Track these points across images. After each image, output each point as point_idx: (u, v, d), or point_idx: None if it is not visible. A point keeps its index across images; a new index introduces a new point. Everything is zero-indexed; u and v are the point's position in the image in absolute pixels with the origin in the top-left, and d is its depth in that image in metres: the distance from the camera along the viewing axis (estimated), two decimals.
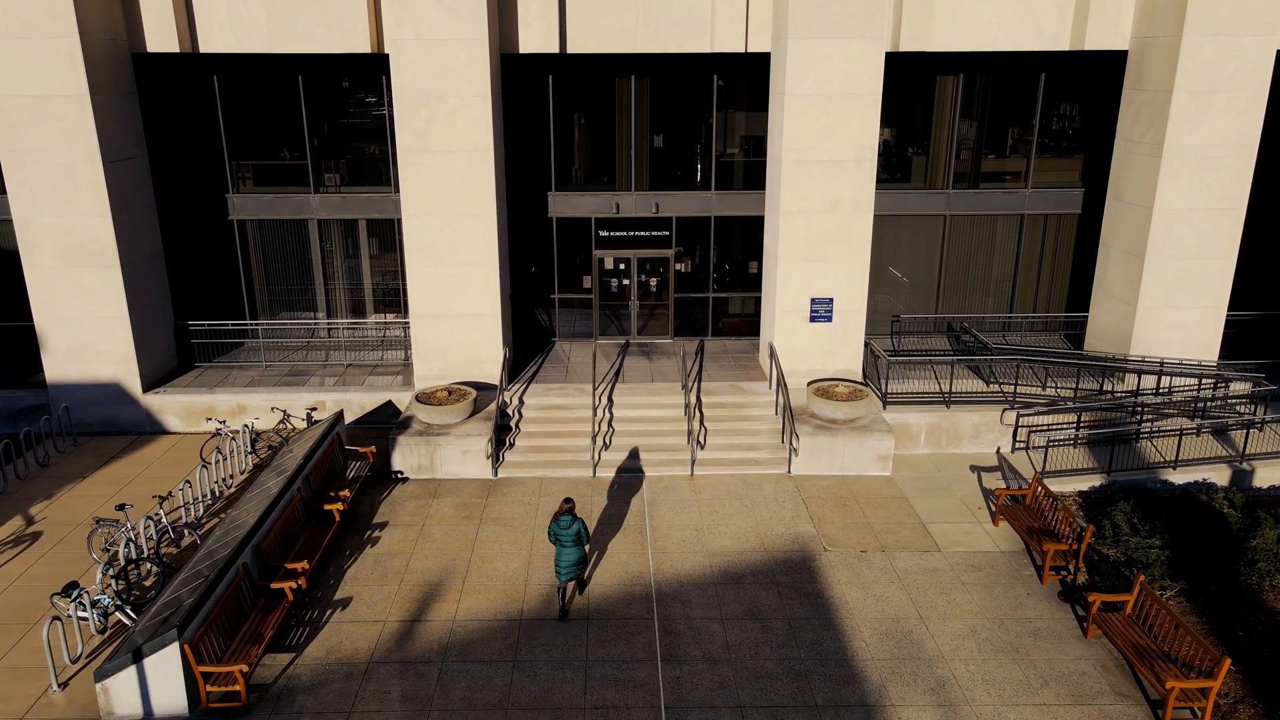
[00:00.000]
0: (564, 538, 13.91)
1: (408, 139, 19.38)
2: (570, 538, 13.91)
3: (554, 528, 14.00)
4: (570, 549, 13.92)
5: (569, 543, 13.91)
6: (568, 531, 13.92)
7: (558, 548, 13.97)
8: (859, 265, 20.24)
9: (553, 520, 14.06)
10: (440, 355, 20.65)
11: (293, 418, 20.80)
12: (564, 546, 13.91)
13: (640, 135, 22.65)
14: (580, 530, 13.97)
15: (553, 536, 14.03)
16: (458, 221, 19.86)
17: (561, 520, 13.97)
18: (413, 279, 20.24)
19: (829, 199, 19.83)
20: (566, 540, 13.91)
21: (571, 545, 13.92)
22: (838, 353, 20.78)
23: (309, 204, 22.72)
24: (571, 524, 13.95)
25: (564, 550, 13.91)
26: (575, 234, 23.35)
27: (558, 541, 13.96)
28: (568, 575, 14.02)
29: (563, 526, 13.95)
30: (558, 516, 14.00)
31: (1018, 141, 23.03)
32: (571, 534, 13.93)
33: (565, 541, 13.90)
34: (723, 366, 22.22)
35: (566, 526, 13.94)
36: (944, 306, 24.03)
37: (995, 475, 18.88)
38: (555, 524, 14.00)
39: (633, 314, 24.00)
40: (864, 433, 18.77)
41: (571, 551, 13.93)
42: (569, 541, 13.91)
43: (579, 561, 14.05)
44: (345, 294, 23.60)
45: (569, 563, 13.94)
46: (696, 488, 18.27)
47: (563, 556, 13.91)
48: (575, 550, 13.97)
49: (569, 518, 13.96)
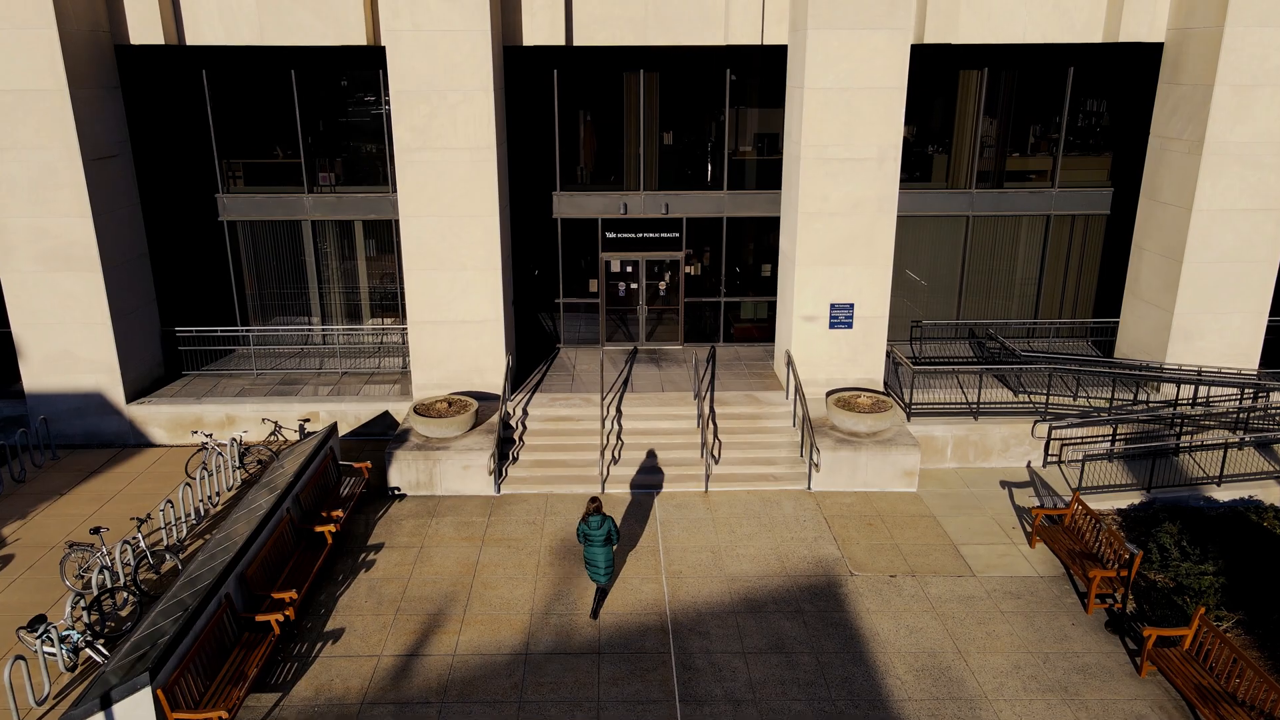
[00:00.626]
0: (594, 537, 13.64)
1: (406, 136, 18.23)
2: (600, 537, 13.64)
3: (583, 528, 13.75)
4: (601, 548, 13.65)
5: (598, 542, 13.64)
6: (598, 532, 13.62)
7: (586, 547, 13.72)
8: (881, 269, 19.09)
9: (582, 520, 13.78)
10: (440, 364, 19.50)
11: (284, 429, 19.65)
12: (594, 546, 13.63)
13: (649, 133, 21.51)
14: (610, 529, 13.68)
15: (581, 536, 13.81)
16: (458, 223, 18.72)
17: (591, 521, 13.65)
18: (411, 284, 19.09)
19: (850, 200, 18.68)
20: (596, 540, 13.63)
21: (601, 545, 13.65)
22: (858, 361, 19.63)
23: (303, 204, 21.58)
24: (601, 524, 13.64)
25: (594, 549, 13.64)
26: (581, 236, 22.21)
27: (587, 541, 13.71)
28: (605, 575, 13.79)
29: (593, 527, 13.64)
30: (587, 517, 13.67)
31: (1044, 139, 21.90)
32: (601, 534, 13.64)
33: (595, 541, 13.63)
34: (736, 375, 21.08)
35: (597, 527, 13.62)
36: (965, 311, 22.89)
37: (1027, 491, 17.73)
38: (584, 524, 13.72)
39: (641, 319, 22.86)
40: (888, 447, 17.61)
41: (602, 551, 13.66)
42: (599, 541, 13.64)
43: (611, 562, 13.84)
44: (341, 298, 22.46)
45: (604, 562, 13.69)
46: (712, 505, 17.12)
47: (595, 555, 13.66)
48: (606, 550, 13.70)
49: (598, 518, 13.63)
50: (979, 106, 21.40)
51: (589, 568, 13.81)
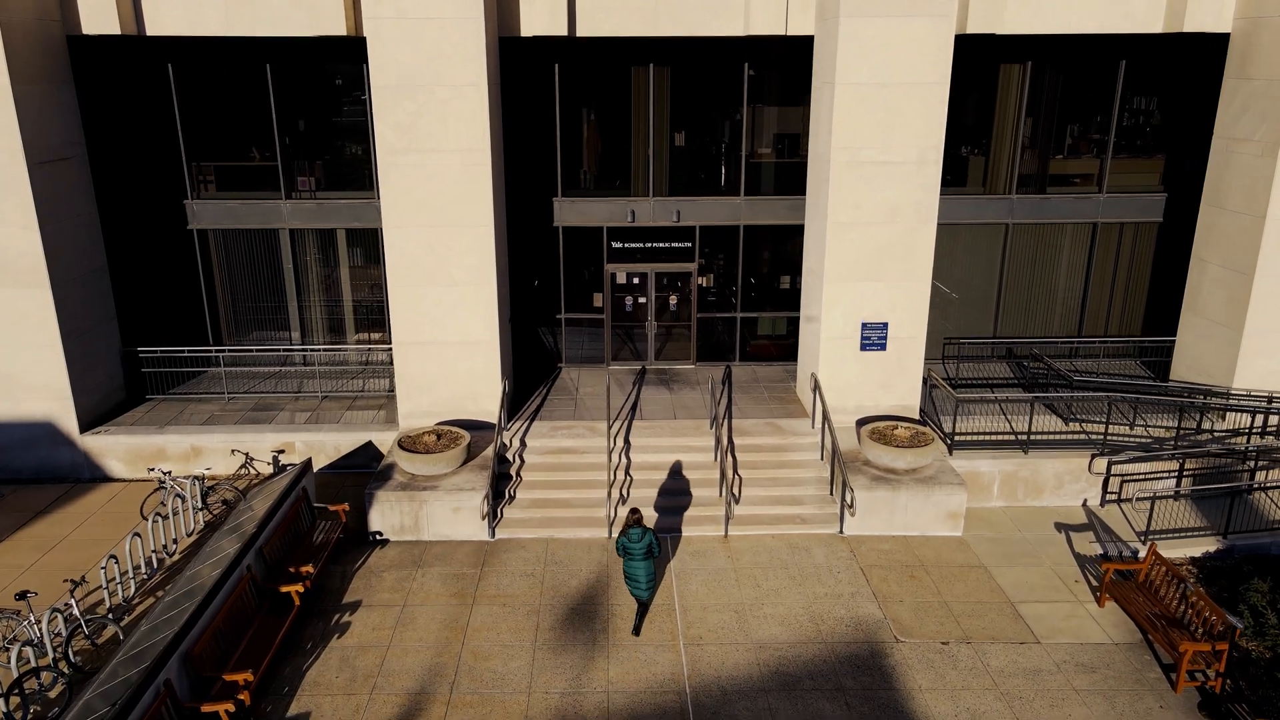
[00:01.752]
0: (634, 551, 12.83)
1: (389, 136, 16.15)
2: (641, 551, 12.83)
3: (623, 540, 12.92)
4: (642, 562, 12.87)
5: (639, 556, 12.84)
6: (638, 545, 12.82)
7: (626, 561, 12.93)
8: (920, 285, 17.01)
9: (621, 533, 12.98)
10: (428, 390, 17.42)
11: (256, 462, 17.56)
12: (634, 560, 12.86)
13: (659, 133, 19.43)
14: (651, 542, 12.88)
15: (621, 550, 12.97)
16: (449, 233, 16.63)
17: (631, 534, 12.83)
18: (396, 301, 17.00)
19: (886, 207, 16.60)
20: (637, 553, 12.84)
21: (642, 559, 12.85)
22: (892, 386, 17.55)
23: (280, 211, 19.50)
24: (642, 537, 12.82)
25: (634, 564, 12.87)
26: (585, 245, 20.13)
27: (627, 555, 12.90)
28: (644, 593, 12.98)
29: (633, 540, 12.82)
30: (627, 529, 12.89)
31: (1091, 139, 19.82)
32: (642, 547, 12.83)
33: (635, 555, 12.84)
34: (755, 399, 19.00)
35: (637, 539, 12.81)
36: (1003, 327, 20.80)
37: (1086, 536, 15.66)
38: (624, 537, 12.89)
39: (650, 336, 20.78)
40: (930, 485, 15.54)
41: (644, 565, 12.88)
42: (639, 555, 12.84)
43: (652, 577, 13.02)
44: (323, 314, 20.38)
45: (645, 577, 12.91)
46: (733, 553, 15.05)
47: (636, 570, 12.89)
48: (648, 564, 12.91)
49: (639, 530, 12.83)
50: (1021, 104, 19.31)
51: (629, 583, 12.99)
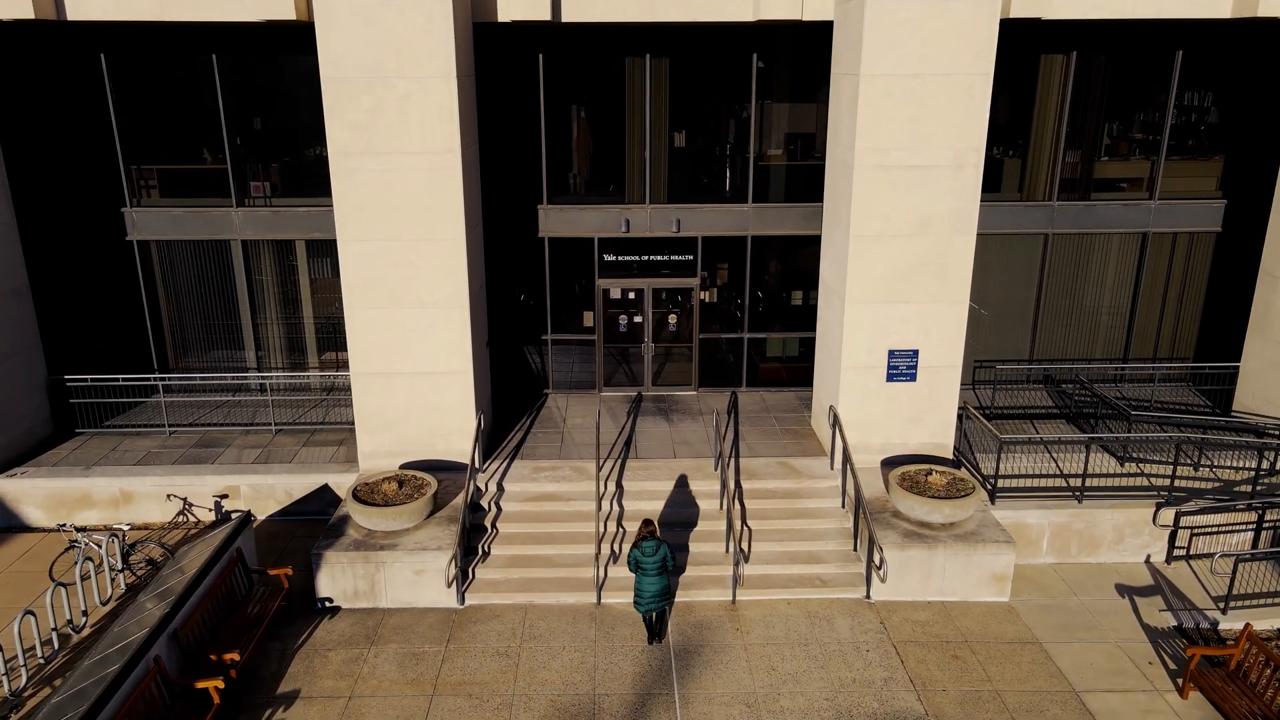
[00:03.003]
0: (647, 565, 11.83)
1: (344, 137, 13.81)
2: (655, 565, 11.84)
3: (635, 554, 11.91)
4: (655, 578, 11.86)
5: (653, 571, 11.84)
6: (652, 559, 11.83)
7: (639, 576, 11.92)
8: (956, 307, 14.68)
9: (634, 546, 11.94)
10: (392, 427, 15.09)
11: (196, 508, 15.26)
12: (647, 575, 11.84)
13: (657, 133, 17.10)
14: (665, 556, 11.93)
15: (633, 564, 11.98)
16: (415, 248, 14.30)
17: (645, 546, 11.85)
18: (354, 326, 14.67)
19: (917, 217, 14.27)
20: (650, 568, 11.83)
21: (656, 573, 11.86)
22: (922, 422, 15.22)
23: (231, 220, 17.17)
24: (657, 550, 11.87)
25: (646, 579, 11.86)
26: (574, 258, 17.80)
27: (639, 570, 11.91)
28: (650, 605, 11.94)
29: (646, 553, 11.83)
30: (639, 542, 11.88)
31: (1141, 140, 17.49)
32: (656, 561, 11.84)
33: (649, 570, 11.83)
34: (765, 432, 16.67)
35: (651, 553, 11.83)
36: (1040, 349, 18.48)
37: (1154, 602, 13.33)
38: (638, 550, 11.88)
39: (646, 359, 18.45)
40: (972, 544, 13.21)
41: (655, 581, 11.87)
42: (653, 570, 11.84)
43: (664, 592, 12.01)
44: (281, 335, 18.05)
45: (653, 592, 11.89)
46: (743, 625, 12.72)
47: (645, 586, 11.88)
48: (660, 580, 11.91)
49: (653, 543, 11.87)
50: (1063, 100, 16.97)
51: (637, 598, 11.96)
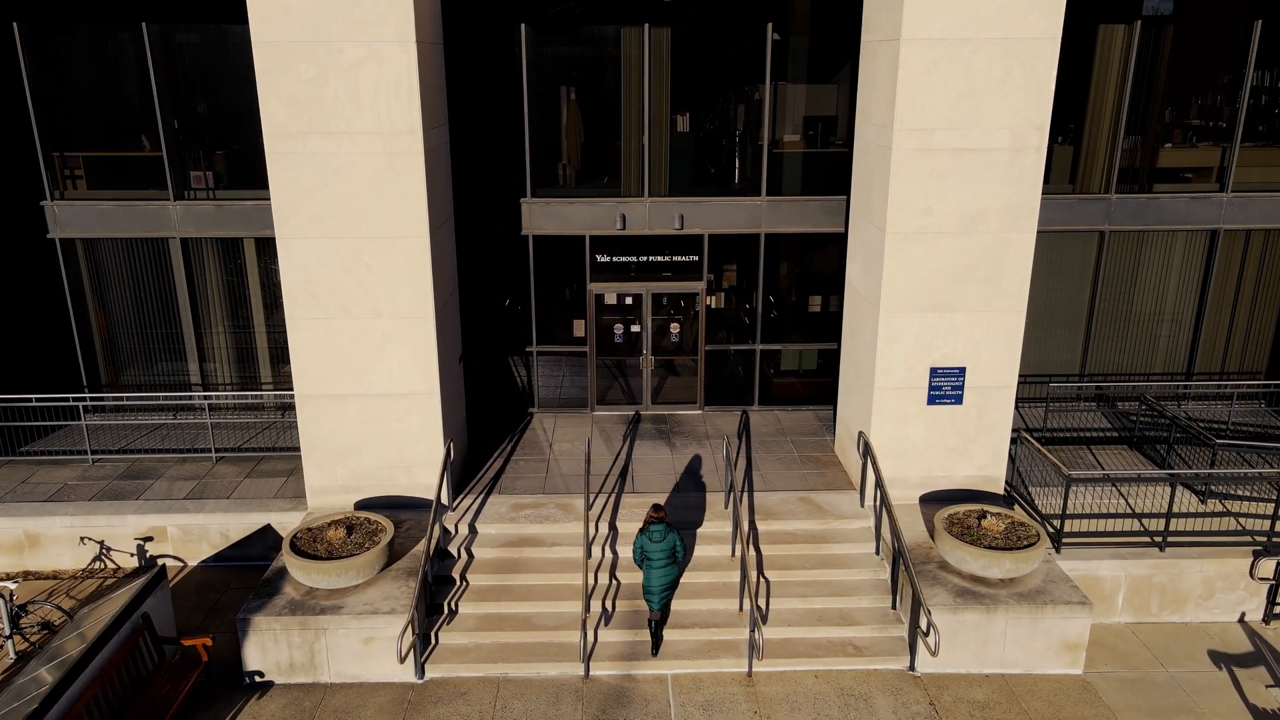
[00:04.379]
0: (655, 555, 10.61)
1: (280, 113, 11.43)
2: (664, 555, 10.60)
3: (641, 542, 10.69)
4: (662, 570, 10.62)
5: (661, 561, 10.61)
6: (660, 545, 10.59)
7: (645, 568, 10.69)
8: (1011, 317, 12.29)
9: (640, 532, 10.71)
10: (344, 458, 12.71)
11: (115, 553, 12.90)
12: (654, 566, 10.61)
13: (657, 115, 14.73)
14: (675, 544, 10.67)
15: (639, 555, 10.75)
16: (369, 248, 11.93)
17: (653, 532, 10.62)
18: (298, 340, 12.29)
19: (967, 211, 11.89)
20: (658, 558, 10.60)
21: (664, 565, 10.62)
22: (969, 452, 12.84)
23: (168, 216, 14.82)
24: (665, 535, 10.62)
25: (653, 571, 10.61)
26: (562, 259, 15.43)
27: (646, 561, 10.68)
28: (661, 599, 10.71)
29: (654, 539, 10.61)
30: (647, 527, 10.65)
31: (1212, 123, 15.11)
32: (665, 549, 10.60)
33: (656, 560, 10.61)
34: (782, 460, 14.30)
35: (659, 539, 10.60)
36: (1094, 361, 16.10)
37: (1258, 674, 10.94)
38: (644, 536, 10.65)
39: (645, 373, 16.08)
40: (1039, 605, 10.82)
41: (664, 573, 10.64)
42: (661, 560, 10.60)
43: (674, 583, 10.83)
44: (228, 346, 15.70)
45: (662, 585, 10.66)
46: (762, 707, 10.33)
47: (652, 579, 10.62)
48: (669, 570, 10.68)
49: (661, 528, 10.63)
50: (1124, 77, 14.58)
51: (646, 593, 10.69)
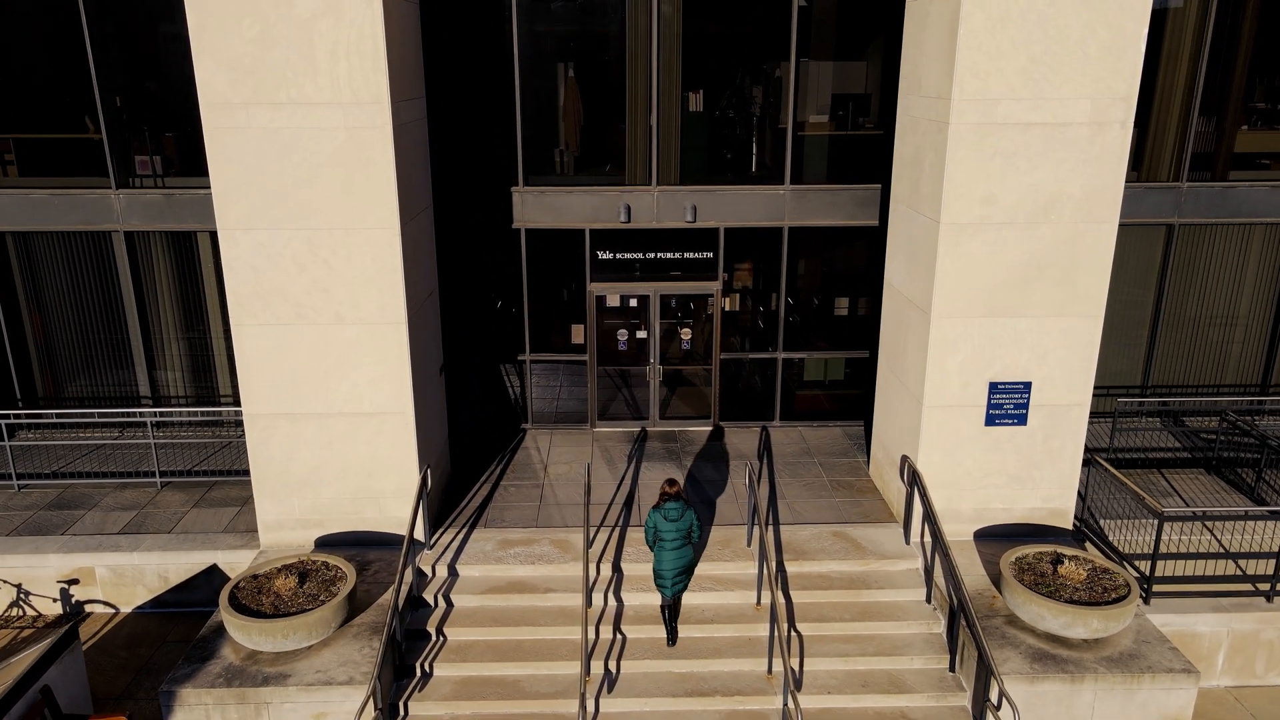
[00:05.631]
0: (668, 535, 9.30)
1: (219, 79, 9.51)
2: (679, 536, 9.32)
3: (655, 520, 9.37)
4: (675, 552, 9.33)
5: (674, 542, 9.31)
6: (675, 525, 9.29)
7: (657, 550, 9.39)
8: (1086, 323, 10.35)
9: (654, 508, 9.42)
10: (302, 488, 10.76)
11: (36, 597, 10.97)
12: (667, 549, 9.32)
13: (667, 92, 12.80)
14: (693, 524, 9.46)
15: (650, 535, 9.46)
16: (328, 240, 10.01)
17: (668, 509, 9.33)
18: (245, 350, 10.35)
19: (1038, 198, 9.95)
20: (672, 540, 9.30)
21: (678, 546, 9.33)
22: (1033, 480, 10.89)
23: (111, 206, 12.92)
24: (682, 513, 9.35)
25: (666, 553, 9.32)
26: (559, 256, 13.50)
27: (658, 542, 9.36)
28: (675, 585, 9.45)
29: (669, 517, 9.30)
30: (662, 502, 9.38)
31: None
32: (680, 530, 9.31)
33: (669, 540, 9.31)
34: (810, 487, 12.37)
35: (675, 516, 9.31)
36: (1158, 372, 14.17)
37: None
38: (658, 513, 9.36)
39: (653, 385, 14.16)
40: (1133, 674, 8.86)
41: (677, 555, 9.34)
42: (674, 540, 9.31)
43: (689, 567, 9.52)
44: (182, 354, 13.79)
45: (675, 569, 9.36)
46: None
47: (664, 562, 9.33)
48: (684, 553, 9.39)
49: (678, 505, 9.36)
50: (1201, 49, 12.65)
51: (658, 578, 9.49)
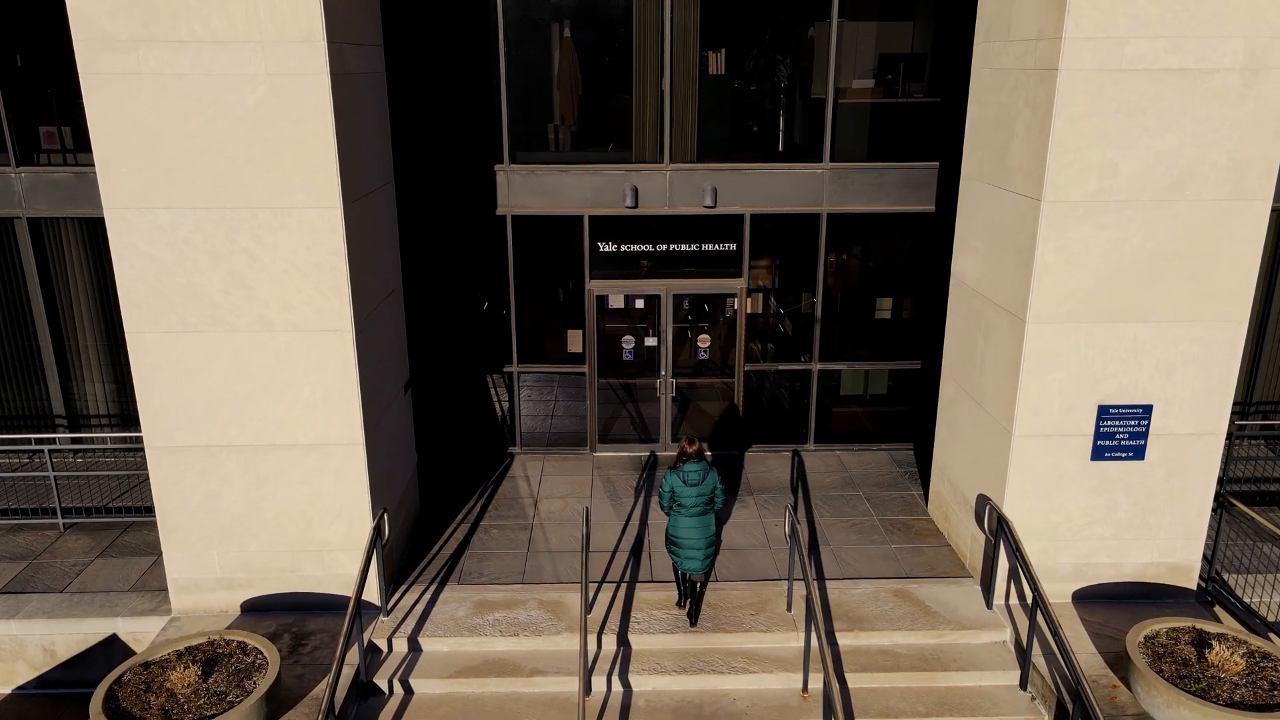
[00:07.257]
0: (687, 501, 7.49)
1: (97, 10, 7.16)
2: (700, 501, 7.48)
3: (673, 483, 7.54)
4: (697, 519, 7.53)
5: (696, 508, 7.50)
6: (696, 489, 7.46)
7: (674, 516, 7.63)
8: (1228, 330, 8.01)
9: (671, 469, 7.63)
10: (223, 539, 8.39)
11: None
12: (685, 513, 7.54)
13: (682, 51, 10.48)
14: (716, 488, 7.65)
15: (666, 501, 7.66)
16: (250, 223, 7.64)
17: (688, 472, 7.50)
18: (143, 365, 7.96)
19: (1171, 168, 7.61)
20: (691, 503, 7.49)
21: (700, 513, 7.52)
22: (1150, 528, 8.55)
23: (10, 188, 10.62)
24: (704, 476, 7.53)
25: (684, 520, 7.55)
26: (553, 248, 11.19)
27: (676, 506, 7.57)
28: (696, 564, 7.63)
29: (689, 480, 7.49)
30: (681, 463, 7.58)
31: None
32: (703, 494, 7.49)
33: (690, 507, 7.50)
34: (858, 527, 10.03)
35: (696, 480, 7.50)
36: (1263, 386, 11.85)
37: None
38: (676, 475, 7.53)
39: (664, 401, 11.83)
40: None
41: (699, 523, 7.54)
42: (695, 506, 7.49)
43: (711, 541, 7.65)
44: (100, 363, 11.47)
45: (696, 541, 7.55)
46: None
47: (683, 531, 7.57)
48: (705, 521, 7.56)
49: (700, 466, 7.53)
50: None
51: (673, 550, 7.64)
